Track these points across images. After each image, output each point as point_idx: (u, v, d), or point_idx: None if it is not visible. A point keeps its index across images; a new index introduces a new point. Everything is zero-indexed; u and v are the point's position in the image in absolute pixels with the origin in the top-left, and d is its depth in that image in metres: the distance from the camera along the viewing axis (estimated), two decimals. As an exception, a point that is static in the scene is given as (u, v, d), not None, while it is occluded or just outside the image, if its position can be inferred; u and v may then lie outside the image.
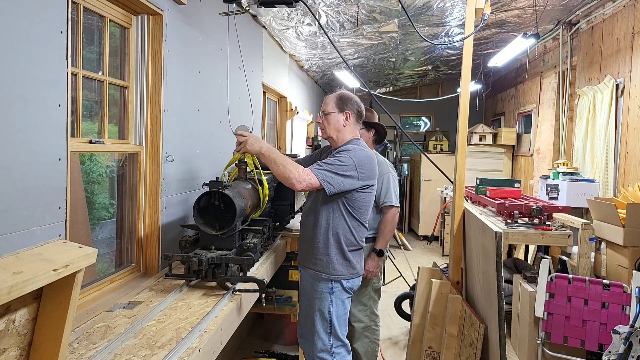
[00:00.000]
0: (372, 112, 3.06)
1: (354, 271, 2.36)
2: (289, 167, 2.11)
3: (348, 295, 2.38)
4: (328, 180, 2.15)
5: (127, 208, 2.34)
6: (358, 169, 2.21)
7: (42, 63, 1.52)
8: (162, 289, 2.05)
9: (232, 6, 2.56)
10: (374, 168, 2.34)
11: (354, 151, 2.25)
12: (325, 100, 2.40)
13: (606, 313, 2.86)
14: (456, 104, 3.03)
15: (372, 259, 2.85)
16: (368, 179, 2.28)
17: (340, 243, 2.30)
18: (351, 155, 2.22)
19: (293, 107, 5.73)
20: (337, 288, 2.31)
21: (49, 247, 1.12)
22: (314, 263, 2.34)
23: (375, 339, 3.02)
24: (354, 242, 2.34)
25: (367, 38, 5.26)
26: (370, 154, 2.33)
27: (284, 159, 2.13)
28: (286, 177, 2.11)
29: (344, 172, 2.18)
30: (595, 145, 4.62)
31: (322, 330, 2.32)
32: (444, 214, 6.83)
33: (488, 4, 2.89)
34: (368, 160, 2.28)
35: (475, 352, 2.63)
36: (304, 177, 2.11)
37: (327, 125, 2.37)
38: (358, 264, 2.39)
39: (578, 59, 5.23)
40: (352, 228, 2.31)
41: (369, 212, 2.40)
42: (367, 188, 2.30)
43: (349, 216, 2.30)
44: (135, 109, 2.30)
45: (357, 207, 2.30)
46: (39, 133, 1.52)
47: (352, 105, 2.37)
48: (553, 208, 3.69)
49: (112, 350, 1.46)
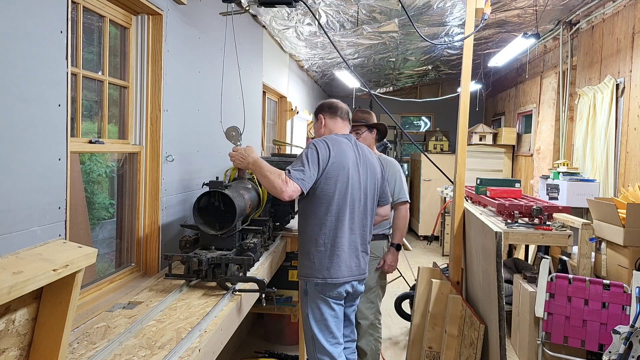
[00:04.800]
0: (370, 114, 3.10)
1: (320, 275, 2.24)
2: (273, 176, 2.12)
3: (323, 300, 2.26)
4: (300, 177, 2.13)
5: (127, 208, 2.33)
6: (319, 151, 2.19)
7: (42, 63, 1.52)
8: (162, 289, 2.05)
9: (231, 6, 2.56)
10: (334, 145, 2.26)
11: (312, 142, 2.28)
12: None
13: (606, 313, 2.85)
14: (456, 104, 3.03)
15: (392, 253, 2.98)
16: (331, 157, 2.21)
17: (304, 243, 2.30)
18: (309, 145, 2.26)
19: (293, 107, 5.73)
20: (310, 289, 2.29)
21: (49, 247, 1.12)
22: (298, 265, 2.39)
23: (378, 337, 3.05)
24: (320, 242, 2.24)
25: (367, 38, 5.25)
26: (333, 138, 2.31)
27: (268, 169, 2.15)
28: (273, 187, 2.12)
29: (304, 161, 2.16)
30: (596, 145, 4.62)
31: (306, 334, 2.34)
32: (444, 214, 6.83)
33: (488, 4, 2.89)
34: (324, 142, 2.25)
35: (476, 352, 2.62)
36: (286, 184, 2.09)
37: (315, 135, 2.49)
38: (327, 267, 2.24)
39: (578, 58, 5.23)
40: (316, 226, 2.25)
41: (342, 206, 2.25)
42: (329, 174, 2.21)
43: (314, 215, 2.25)
44: (135, 109, 2.30)
45: (321, 202, 2.23)
46: (39, 133, 1.51)
47: (323, 108, 2.49)
48: (553, 208, 3.69)
49: (112, 350, 1.46)
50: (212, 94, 2.98)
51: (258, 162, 2.22)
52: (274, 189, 2.12)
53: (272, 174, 2.12)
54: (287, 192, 2.10)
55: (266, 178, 2.14)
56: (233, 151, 2.31)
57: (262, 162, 2.21)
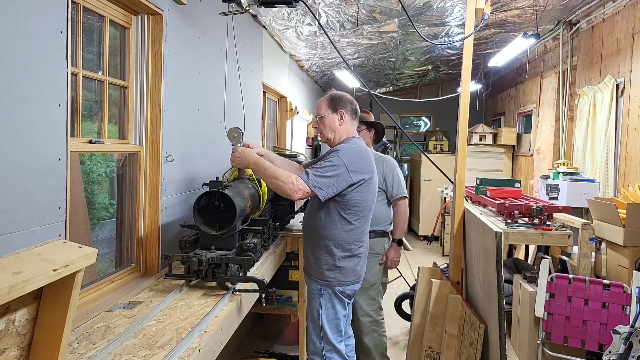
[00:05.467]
0: (368, 113, 3.14)
1: (346, 279, 2.27)
2: (281, 179, 2.08)
3: (340, 300, 2.30)
4: (319, 186, 2.10)
5: (127, 208, 2.33)
6: (348, 166, 2.15)
7: (42, 63, 1.52)
8: (162, 289, 2.05)
9: (231, 6, 2.56)
10: (369, 162, 2.26)
11: (343, 150, 2.19)
12: (318, 104, 2.37)
13: (606, 313, 2.85)
14: (456, 104, 3.03)
15: (394, 248, 3.03)
16: (363, 173, 2.20)
17: (330, 249, 2.24)
18: (340, 155, 2.16)
19: (293, 107, 5.73)
20: (327, 291, 2.28)
21: (49, 247, 1.12)
22: (309, 265, 2.35)
23: (382, 332, 3.07)
24: (346, 247, 2.25)
25: (367, 38, 5.25)
26: (363, 148, 2.29)
27: (274, 171, 2.11)
28: (280, 189, 2.10)
29: (334, 173, 2.12)
30: (596, 145, 4.62)
31: (313, 332, 2.32)
32: (444, 214, 6.83)
33: (488, 4, 2.89)
34: (359, 155, 2.22)
35: (476, 352, 2.62)
36: (298, 187, 2.08)
37: (324, 128, 2.34)
38: (352, 271, 2.29)
39: (578, 58, 5.23)
40: (345, 232, 2.23)
41: (367, 213, 2.31)
42: (362, 184, 2.21)
43: (341, 220, 2.22)
44: (135, 109, 2.30)
45: (350, 209, 2.22)
46: (39, 133, 1.51)
47: (345, 103, 2.33)
48: (553, 208, 3.69)
49: (112, 350, 1.46)
50: (212, 94, 2.98)
51: (259, 162, 2.18)
52: (281, 192, 2.12)
53: (278, 179, 2.09)
54: (295, 195, 2.10)
55: (270, 181, 2.12)
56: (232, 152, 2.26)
57: (264, 163, 2.17)
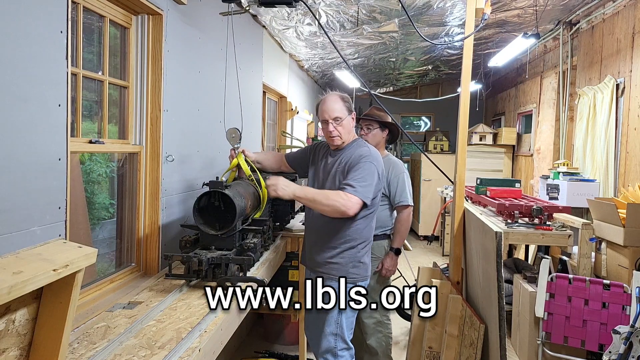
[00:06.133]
0: (385, 114, 3.09)
1: (367, 274, 2.38)
2: (332, 200, 2.12)
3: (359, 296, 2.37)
4: (369, 196, 2.20)
5: (127, 208, 2.33)
6: (380, 173, 2.27)
7: (42, 63, 1.52)
8: (162, 289, 2.05)
9: (231, 6, 2.56)
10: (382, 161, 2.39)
11: (371, 155, 2.27)
12: (330, 105, 2.28)
13: (606, 313, 2.85)
14: (456, 104, 3.03)
15: (390, 257, 2.94)
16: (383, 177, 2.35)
17: (355, 246, 2.32)
18: (371, 160, 2.25)
19: (293, 107, 5.73)
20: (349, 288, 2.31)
21: (49, 247, 1.12)
22: (327, 266, 2.34)
23: (388, 333, 3.03)
24: (367, 243, 2.36)
25: (367, 38, 5.25)
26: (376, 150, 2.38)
27: (324, 195, 2.16)
28: (336, 211, 2.14)
29: (372, 180, 2.22)
30: (596, 145, 4.61)
31: (329, 331, 2.33)
32: (444, 214, 6.82)
33: (488, 4, 2.89)
34: (379, 156, 2.34)
35: (476, 352, 2.62)
36: (351, 205, 2.13)
37: (343, 131, 2.30)
38: (369, 265, 2.40)
39: (578, 58, 5.23)
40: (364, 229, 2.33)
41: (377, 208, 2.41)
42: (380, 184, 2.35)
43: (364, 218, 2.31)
44: (135, 109, 2.30)
45: (371, 207, 2.30)
46: (39, 133, 1.51)
47: (352, 104, 2.41)
48: (553, 208, 3.69)
49: (112, 350, 1.46)
50: (212, 94, 2.98)
51: (304, 190, 2.21)
52: (337, 214, 2.16)
53: (329, 200, 2.12)
54: (351, 212, 2.15)
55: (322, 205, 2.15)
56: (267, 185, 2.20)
57: (310, 191, 2.22)
